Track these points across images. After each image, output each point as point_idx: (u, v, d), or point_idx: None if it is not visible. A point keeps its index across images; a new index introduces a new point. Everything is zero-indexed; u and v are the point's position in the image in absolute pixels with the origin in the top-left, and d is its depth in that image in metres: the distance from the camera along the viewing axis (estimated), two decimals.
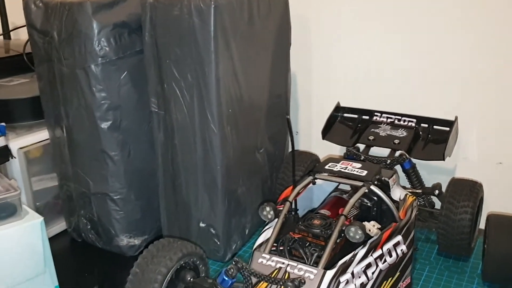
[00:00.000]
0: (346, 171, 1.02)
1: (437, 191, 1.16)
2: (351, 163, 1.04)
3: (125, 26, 1.08)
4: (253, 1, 1.10)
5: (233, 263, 0.84)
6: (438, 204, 1.20)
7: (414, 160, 1.20)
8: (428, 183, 1.25)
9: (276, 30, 1.22)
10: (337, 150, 1.40)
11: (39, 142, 1.23)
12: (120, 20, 1.07)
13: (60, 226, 1.31)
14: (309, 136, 1.50)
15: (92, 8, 1.03)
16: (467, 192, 1.09)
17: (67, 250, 1.26)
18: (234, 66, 1.07)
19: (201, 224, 1.13)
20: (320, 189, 1.09)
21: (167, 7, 1.01)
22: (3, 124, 1.13)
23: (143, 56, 1.08)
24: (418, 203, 1.22)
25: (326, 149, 1.40)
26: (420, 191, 1.20)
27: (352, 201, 0.94)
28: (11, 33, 1.75)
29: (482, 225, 1.16)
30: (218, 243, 1.14)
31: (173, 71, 1.04)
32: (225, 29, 1.02)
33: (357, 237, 0.86)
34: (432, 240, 1.21)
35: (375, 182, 0.99)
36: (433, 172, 1.32)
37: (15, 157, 1.16)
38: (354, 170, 1.02)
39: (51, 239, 1.27)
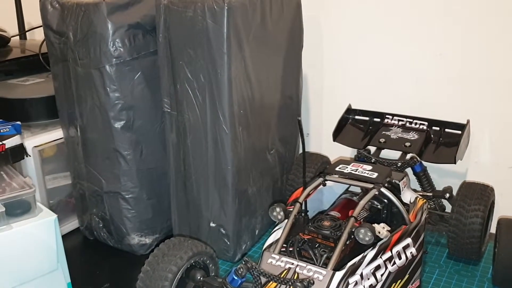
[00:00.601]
0: (356, 173, 1.02)
1: (447, 195, 1.16)
2: (361, 165, 1.05)
3: (140, 27, 1.09)
4: (265, 3, 1.11)
5: (243, 262, 0.85)
6: (448, 207, 1.19)
7: (425, 163, 1.20)
8: (439, 187, 1.25)
9: (288, 32, 1.23)
10: (348, 152, 1.40)
11: (54, 141, 1.25)
12: (134, 21, 1.08)
13: (72, 224, 1.33)
14: (319, 138, 1.50)
15: (107, 9, 1.05)
16: (478, 195, 1.09)
17: (79, 248, 1.28)
18: (247, 67, 1.08)
19: (212, 224, 1.14)
20: (330, 191, 1.09)
21: (181, 9, 1.02)
22: (18, 122, 1.16)
23: (157, 57, 1.09)
24: (429, 206, 1.21)
25: (337, 151, 1.40)
26: (430, 194, 1.20)
27: (362, 203, 0.94)
28: (27, 33, 1.78)
29: (493, 229, 1.15)
30: (228, 243, 1.15)
31: (186, 72, 1.05)
32: (238, 31, 1.02)
33: (367, 239, 0.86)
34: (442, 244, 1.21)
35: (386, 185, 1.00)
36: (444, 176, 1.32)
37: (30, 156, 1.18)
38: (365, 172, 1.02)
39: (64, 237, 1.27)
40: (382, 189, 0.98)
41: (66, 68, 1.14)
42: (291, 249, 0.92)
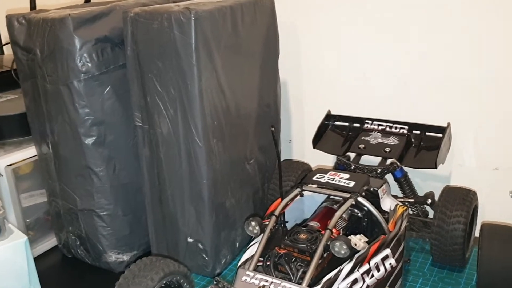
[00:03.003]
0: (334, 182, 1.00)
1: (429, 200, 1.13)
2: (339, 173, 1.03)
3: (108, 41, 1.07)
4: (236, 11, 1.08)
5: (214, 282, 0.82)
6: (432, 213, 1.17)
7: (406, 168, 1.18)
8: (423, 190, 1.22)
9: (263, 39, 1.20)
10: (331, 158, 1.37)
11: (29, 158, 1.22)
12: (102, 35, 1.06)
13: (51, 242, 1.30)
14: (302, 144, 1.48)
15: (74, 24, 1.02)
16: (460, 201, 1.06)
17: (57, 266, 1.25)
18: (219, 77, 1.05)
19: (189, 239, 1.11)
20: (311, 200, 1.07)
21: (148, 21, 0.99)
22: None
23: (126, 70, 1.07)
24: (411, 212, 1.19)
25: (319, 157, 1.37)
26: (412, 200, 1.17)
27: (338, 214, 0.92)
28: (5, 47, 1.75)
29: (477, 234, 1.12)
30: (207, 258, 1.12)
31: (156, 85, 1.03)
32: (207, 41, 1.00)
33: (342, 252, 0.84)
34: (427, 250, 1.18)
35: (363, 194, 0.97)
36: (428, 179, 1.30)
37: (2, 175, 1.15)
38: (342, 181, 1.00)
39: (43, 255, 1.27)
40: (359, 198, 0.95)
41: (35, 84, 1.12)
42: (268, 263, 0.90)
